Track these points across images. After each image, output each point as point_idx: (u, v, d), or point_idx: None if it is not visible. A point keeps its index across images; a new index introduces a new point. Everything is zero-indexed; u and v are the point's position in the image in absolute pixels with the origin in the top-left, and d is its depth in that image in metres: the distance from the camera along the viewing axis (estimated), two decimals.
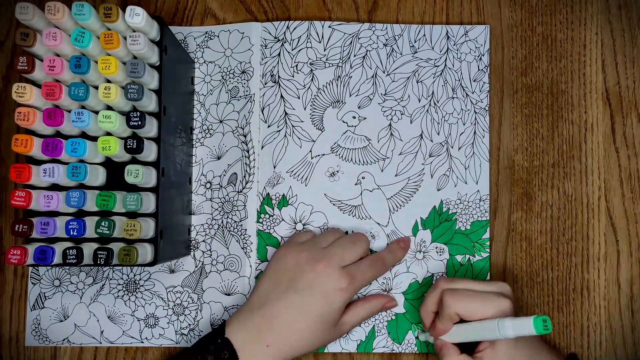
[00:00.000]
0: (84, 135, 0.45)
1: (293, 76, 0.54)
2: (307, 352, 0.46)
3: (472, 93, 0.54)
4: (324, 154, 0.54)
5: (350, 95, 0.54)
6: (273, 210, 0.53)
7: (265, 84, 0.54)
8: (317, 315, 0.45)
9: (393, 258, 0.51)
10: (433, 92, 0.54)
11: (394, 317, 0.52)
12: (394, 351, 0.52)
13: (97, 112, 0.44)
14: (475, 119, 0.54)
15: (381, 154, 0.54)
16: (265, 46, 0.54)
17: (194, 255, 0.53)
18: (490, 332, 0.42)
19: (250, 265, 0.53)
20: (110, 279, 0.53)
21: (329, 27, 0.55)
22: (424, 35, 0.54)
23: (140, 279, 0.53)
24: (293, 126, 0.54)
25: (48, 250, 0.42)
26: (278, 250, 0.49)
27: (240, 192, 0.53)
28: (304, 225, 0.53)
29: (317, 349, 0.48)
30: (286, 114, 0.54)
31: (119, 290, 0.53)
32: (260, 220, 0.53)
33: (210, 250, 0.53)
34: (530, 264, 0.53)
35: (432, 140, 0.54)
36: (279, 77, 0.54)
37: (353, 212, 0.53)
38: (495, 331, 0.41)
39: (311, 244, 0.49)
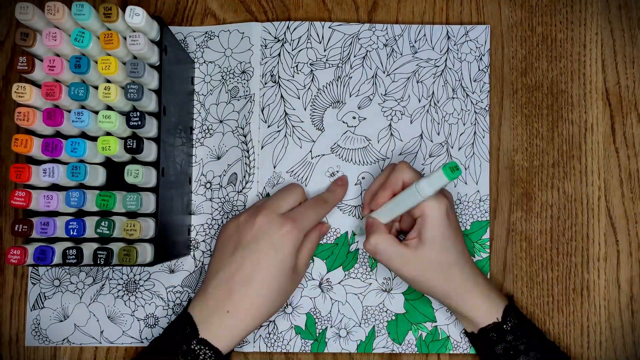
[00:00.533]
0: (84, 135, 0.45)
1: (293, 76, 0.54)
2: (273, 309, 0.46)
3: (472, 93, 0.54)
4: (324, 154, 0.54)
5: (350, 96, 0.54)
6: None
7: (265, 84, 0.54)
8: (271, 266, 0.45)
9: (333, 197, 0.51)
10: (433, 92, 0.54)
11: (394, 318, 0.52)
12: (394, 351, 0.52)
13: (97, 112, 0.44)
14: (476, 119, 0.54)
15: (381, 154, 0.54)
16: (265, 46, 0.54)
17: (194, 255, 0.53)
18: (413, 196, 0.43)
19: None
20: (110, 279, 0.53)
21: (329, 27, 0.55)
22: (424, 35, 0.54)
23: (140, 279, 0.53)
24: (293, 126, 0.54)
25: (48, 250, 0.42)
26: (222, 226, 0.49)
27: (240, 192, 0.53)
28: None
29: (282, 304, 0.47)
30: (286, 114, 0.54)
31: (119, 290, 0.53)
32: None
33: (210, 250, 0.53)
34: (530, 264, 0.53)
35: (432, 141, 0.54)
36: (279, 77, 0.54)
37: (353, 212, 0.53)
38: (416, 194, 0.43)
39: (247, 208, 0.49)
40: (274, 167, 0.53)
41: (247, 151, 0.54)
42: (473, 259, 0.48)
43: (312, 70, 0.54)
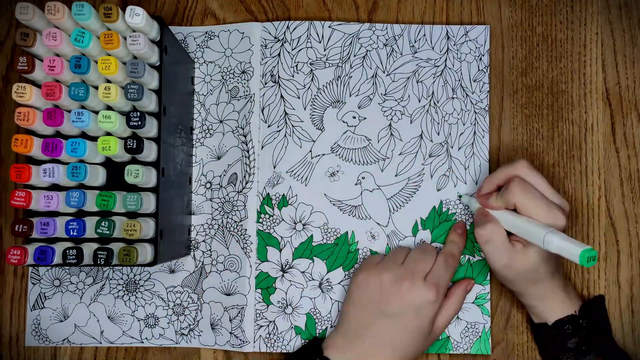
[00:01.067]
0: (84, 135, 0.45)
1: (293, 76, 0.54)
2: None
3: (472, 93, 0.54)
4: (324, 154, 0.54)
5: (350, 95, 0.54)
6: (273, 210, 0.53)
7: (265, 84, 0.54)
8: (413, 332, 0.46)
9: (458, 248, 0.51)
10: (433, 92, 0.54)
11: None
12: None
13: (97, 112, 0.44)
14: (475, 119, 0.54)
15: (381, 154, 0.54)
16: (265, 46, 0.54)
17: (194, 255, 0.53)
18: (536, 237, 0.42)
19: (250, 265, 0.53)
20: (110, 279, 0.53)
21: (329, 27, 0.55)
22: (424, 35, 0.54)
23: (140, 279, 0.53)
24: (293, 126, 0.54)
25: (48, 250, 0.42)
26: (356, 275, 0.49)
27: (240, 192, 0.53)
28: (304, 225, 0.53)
29: (414, 359, 0.48)
30: (286, 114, 0.54)
31: (119, 290, 0.53)
32: (260, 220, 0.53)
33: (210, 250, 0.53)
34: None
35: (432, 141, 0.54)
36: (279, 77, 0.54)
37: (353, 212, 0.53)
38: (540, 240, 0.42)
39: (388, 263, 0.48)
40: (274, 167, 0.53)
41: (247, 151, 0.54)
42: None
43: (312, 70, 0.54)
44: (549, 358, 0.49)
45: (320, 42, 0.54)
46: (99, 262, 0.42)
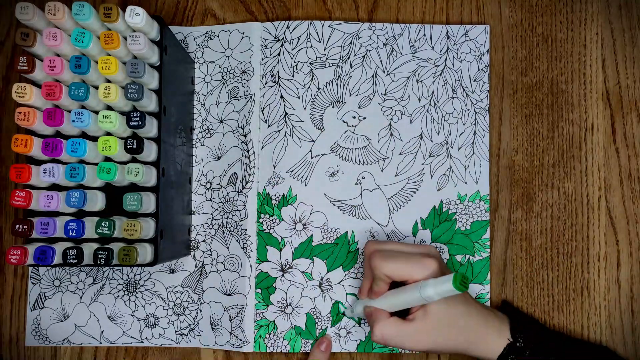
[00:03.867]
0: (84, 135, 0.45)
1: (293, 76, 0.54)
2: None
3: (472, 93, 0.54)
4: (324, 154, 0.54)
5: (350, 95, 0.54)
6: (273, 210, 0.53)
7: (265, 83, 0.54)
8: None
9: None
10: (433, 92, 0.54)
11: None
12: (393, 351, 0.52)
13: (97, 112, 0.44)
14: (475, 119, 0.54)
15: (381, 154, 0.54)
16: (265, 46, 0.54)
17: (194, 255, 0.53)
18: (414, 296, 0.42)
19: (250, 265, 0.53)
20: (110, 279, 0.53)
21: (329, 26, 0.55)
22: (424, 34, 0.54)
23: (140, 279, 0.53)
24: (293, 126, 0.54)
25: (48, 250, 0.42)
26: None
27: (240, 192, 0.53)
28: (304, 225, 0.53)
29: None
30: (286, 113, 0.54)
31: (119, 290, 0.53)
32: (260, 220, 0.53)
33: (210, 250, 0.53)
34: (530, 264, 0.53)
35: (432, 140, 0.54)
36: (279, 77, 0.54)
37: (353, 212, 0.53)
38: (418, 294, 0.41)
39: None
40: (274, 167, 0.53)
41: (247, 151, 0.54)
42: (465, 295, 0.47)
43: (311, 70, 0.54)
44: None
45: (320, 42, 0.54)
46: (99, 262, 0.42)
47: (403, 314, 0.45)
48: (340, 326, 0.52)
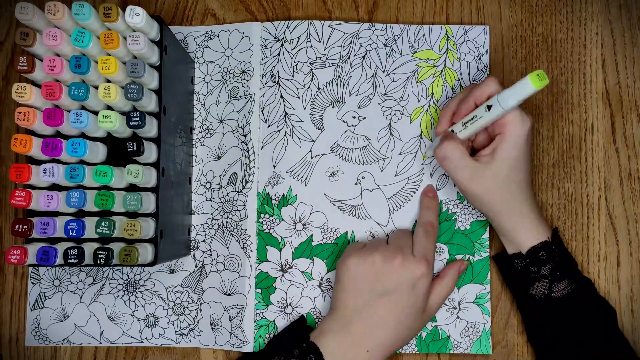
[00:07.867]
0: (84, 135, 0.45)
1: (293, 76, 0.54)
2: (402, 346, 0.48)
3: None
4: (323, 154, 0.54)
5: (350, 95, 0.54)
6: (273, 210, 0.53)
7: (265, 83, 0.54)
8: (407, 309, 0.46)
9: (434, 213, 0.51)
10: (432, 92, 0.54)
11: None
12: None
13: (97, 112, 0.44)
14: None
15: (381, 154, 0.54)
16: (265, 46, 0.54)
17: (194, 255, 0.53)
18: (493, 108, 0.42)
19: (250, 265, 0.53)
20: (110, 279, 0.53)
21: (329, 26, 0.55)
22: (423, 35, 0.54)
23: (140, 279, 0.53)
24: (293, 126, 0.54)
25: (51, 250, 0.42)
26: (345, 260, 0.48)
27: (240, 192, 0.53)
28: (303, 225, 0.53)
29: (409, 341, 0.48)
30: (286, 113, 0.54)
31: (119, 290, 0.53)
32: (260, 220, 0.53)
33: (210, 250, 0.53)
34: None
35: (431, 140, 0.54)
36: (278, 76, 0.54)
37: (353, 212, 0.53)
38: (497, 106, 0.41)
39: (375, 246, 0.48)
40: (274, 167, 0.53)
41: (247, 151, 0.54)
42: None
43: (311, 70, 0.54)
44: (520, 290, 0.48)
45: (320, 42, 0.54)
46: (99, 262, 0.42)
47: None
48: None
